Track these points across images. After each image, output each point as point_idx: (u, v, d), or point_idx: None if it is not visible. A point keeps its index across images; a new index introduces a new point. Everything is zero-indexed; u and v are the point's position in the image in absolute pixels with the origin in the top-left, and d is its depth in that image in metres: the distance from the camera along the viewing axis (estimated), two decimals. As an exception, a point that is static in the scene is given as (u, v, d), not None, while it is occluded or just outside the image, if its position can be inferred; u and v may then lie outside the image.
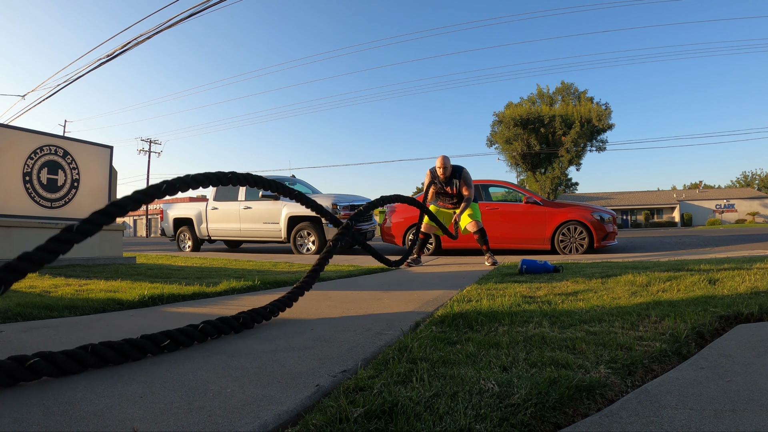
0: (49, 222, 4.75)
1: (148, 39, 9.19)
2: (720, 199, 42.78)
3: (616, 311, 1.92)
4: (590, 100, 33.43)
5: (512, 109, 33.57)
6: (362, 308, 2.27)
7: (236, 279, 3.34)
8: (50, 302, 2.29)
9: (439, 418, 0.93)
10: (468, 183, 4.82)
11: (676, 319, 1.72)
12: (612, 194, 47.43)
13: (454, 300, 2.36)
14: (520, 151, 33.29)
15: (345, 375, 1.24)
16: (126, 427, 0.90)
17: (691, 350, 1.44)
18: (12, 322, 1.97)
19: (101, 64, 10.42)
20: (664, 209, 43.00)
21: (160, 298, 2.55)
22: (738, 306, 1.89)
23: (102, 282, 3.17)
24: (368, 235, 8.28)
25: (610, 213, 6.78)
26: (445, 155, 4.83)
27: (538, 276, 3.40)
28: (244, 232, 8.36)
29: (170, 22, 8.75)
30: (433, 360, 1.31)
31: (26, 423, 0.93)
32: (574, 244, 6.43)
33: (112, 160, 5.63)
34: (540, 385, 1.08)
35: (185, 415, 0.96)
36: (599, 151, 33.21)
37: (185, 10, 8.59)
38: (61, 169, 5.03)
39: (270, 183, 2.19)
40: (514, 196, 7.33)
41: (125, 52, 9.63)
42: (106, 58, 10.17)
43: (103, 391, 1.11)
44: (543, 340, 1.51)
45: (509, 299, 2.29)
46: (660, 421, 0.91)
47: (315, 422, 0.91)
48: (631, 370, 1.24)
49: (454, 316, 1.86)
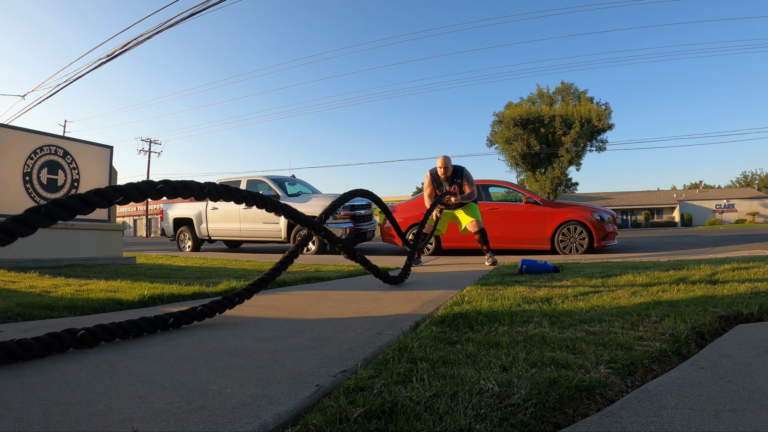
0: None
1: (148, 39, 9.18)
2: (720, 199, 42.77)
3: (616, 311, 1.92)
4: (590, 100, 33.41)
5: (512, 109, 33.55)
6: (362, 308, 2.27)
7: (236, 279, 3.34)
8: (50, 302, 2.29)
9: (439, 418, 0.93)
10: (470, 181, 4.84)
11: (676, 319, 1.72)
12: (612, 194, 47.42)
13: (454, 300, 2.36)
14: (520, 151, 33.27)
15: (345, 375, 1.23)
16: (126, 427, 0.90)
17: (691, 350, 1.44)
18: (12, 322, 1.97)
19: (101, 64, 10.41)
20: (664, 209, 42.98)
21: (160, 298, 2.55)
22: (738, 306, 1.89)
23: (102, 282, 3.17)
24: (368, 235, 8.27)
25: (610, 213, 6.78)
26: (446, 155, 4.84)
27: (538, 276, 3.40)
28: (244, 232, 8.36)
29: (170, 22, 8.75)
30: (433, 360, 1.31)
31: (26, 423, 0.93)
32: (574, 244, 6.43)
33: (112, 160, 5.63)
34: (540, 385, 1.08)
35: (185, 415, 0.96)
36: (599, 151, 33.21)
37: (185, 10, 8.59)
38: (61, 169, 5.03)
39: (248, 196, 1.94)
40: (514, 196, 7.33)
41: (125, 52, 9.62)
42: (106, 58, 10.17)
43: (104, 391, 1.11)
44: (543, 340, 1.51)
45: (509, 299, 2.29)
46: (660, 421, 0.91)
47: (315, 422, 0.91)
48: (631, 370, 1.24)
49: (454, 316, 1.86)
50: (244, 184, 8.53)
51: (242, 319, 2.04)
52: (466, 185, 4.83)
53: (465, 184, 4.83)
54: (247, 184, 8.52)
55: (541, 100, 35.21)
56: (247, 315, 2.15)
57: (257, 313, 2.19)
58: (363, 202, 8.19)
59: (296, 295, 2.77)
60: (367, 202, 8.48)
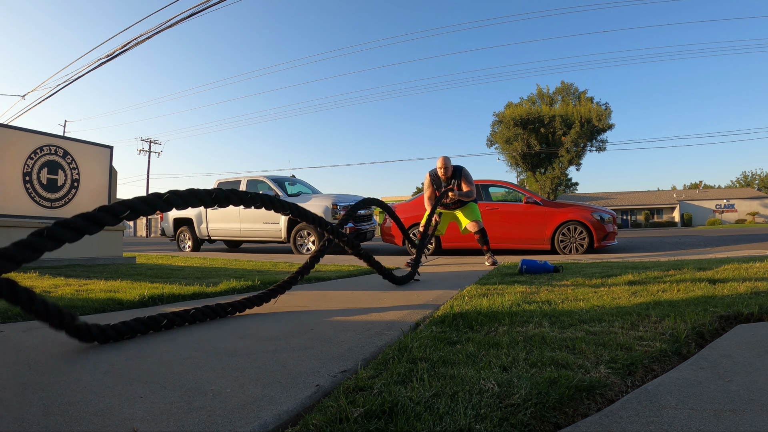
0: (49, 222, 4.75)
1: (148, 39, 9.18)
2: (720, 199, 42.76)
3: (616, 311, 1.92)
4: (590, 100, 33.40)
5: (512, 109, 33.54)
6: (362, 308, 2.27)
7: (236, 279, 3.34)
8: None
9: (439, 418, 0.93)
10: (468, 180, 4.86)
11: (676, 319, 1.72)
12: (612, 194, 47.42)
13: (454, 300, 2.36)
14: (520, 151, 33.27)
15: (345, 375, 1.23)
16: (126, 427, 0.90)
17: (691, 350, 1.44)
18: (12, 322, 1.97)
19: (101, 64, 10.41)
20: (664, 209, 42.98)
21: (160, 298, 2.55)
22: (738, 306, 1.89)
23: (102, 282, 3.17)
24: (368, 235, 8.27)
25: (610, 213, 6.78)
26: (445, 155, 4.85)
27: (538, 276, 3.40)
28: (244, 232, 8.36)
29: (170, 22, 8.75)
30: (433, 360, 1.31)
31: (26, 423, 0.93)
32: (574, 244, 6.43)
33: (112, 160, 5.63)
34: (540, 385, 1.08)
35: (185, 415, 0.96)
36: (599, 151, 33.20)
37: (185, 10, 8.59)
38: (61, 169, 5.03)
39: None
40: (514, 196, 7.33)
41: (125, 52, 9.62)
42: (106, 58, 10.17)
43: (103, 391, 1.11)
44: (543, 340, 1.51)
45: (509, 299, 2.29)
46: (660, 421, 0.91)
47: (315, 422, 0.91)
48: (631, 370, 1.24)
49: (454, 316, 1.86)
50: (244, 184, 8.53)
51: (242, 319, 2.04)
52: (464, 184, 4.84)
53: (464, 183, 4.85)
54: (247, 184, 8.52)
55: (541, 100, 35.21)
56: (247, 314, 2.15)
57: (257, 313, 2.19)
58: (363, 202, 8.19)
59: (296, 295, 2.77)
60: (367, 202, 8.47)
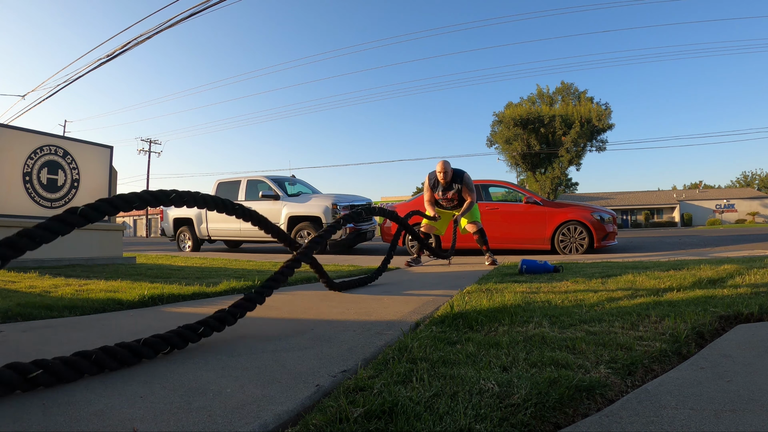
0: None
1: (147, 39, 9.19)
2: (720, 199, 42.75)
3: (616, 311, 1.92)
4: (590, 100, 33.42)
5: (512, 109, 33.55)
6: (362, 308, 2.27)
7: (236, 279, 3.34)
8: (50, 302, 2.29)
9: (439, 418, 0.93)
10: (470, 188, 4.82)
11: (676, 319, 1.72)
12: (612, 194, 47.41)
13: (454, 300, 2.35)
14: (520, 151, 33.28)
15: (345, 375, 1.23)
16: (126, 427, 0.90)
17: (691, 350, 1.44)
18: (12, 322, 1.97)
19: (101, 64, 10.42)
20: (664, 209, 42.97)
21: (160, 298, 2.55)
22: (738, 306, 1.89)
23: (102, 282, 3.17)
24: (368, 235, 8.27)
25: (610, 213, 6.78)
26: (445, 160, 4.84)
27: (538, 276, 3.40)
28: (244, 232, 8.36)
29: (170, 22, 8.75)
30: (433, 360, 1.31)
31: (26, 423, 0.93)
32: (574, 244, 6.43)
33: (112, 160, 5.63)
34: (540, 385, 1.08)
35: (185, 415, 0.96)
36: (599, 151, 33.23)
37: (185, 10, 8.60)
38: (61, 169, 5.03)
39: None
40: (514, 196, 7.33)
41: (125, 52, 9.63)
42: (105, 59, 10.17)
43: (103, 391, 1.11)
44: (543, 340, 1.51)
45: (509, 299, 2.29)
46: (660, 421, 0.91)
47: (315, 422, 0.91)
48: (631, 370, 1.24)
49: (454, 316, 1.86)
50: (244, 185, 8.54)
51: (242, 319, 2.04)
52: (465, 192, 4.82)
53: (465, 191, 4.82)
54: (247, 184, 8.53)
55: (541, 100, 35.22)
56: (247, 315, 2.15)
57: (257, 313, 2.19)
58: (363, 202, 8.19)
59: (296, 295, 2.77)
60: (368, 202, 8.48)
